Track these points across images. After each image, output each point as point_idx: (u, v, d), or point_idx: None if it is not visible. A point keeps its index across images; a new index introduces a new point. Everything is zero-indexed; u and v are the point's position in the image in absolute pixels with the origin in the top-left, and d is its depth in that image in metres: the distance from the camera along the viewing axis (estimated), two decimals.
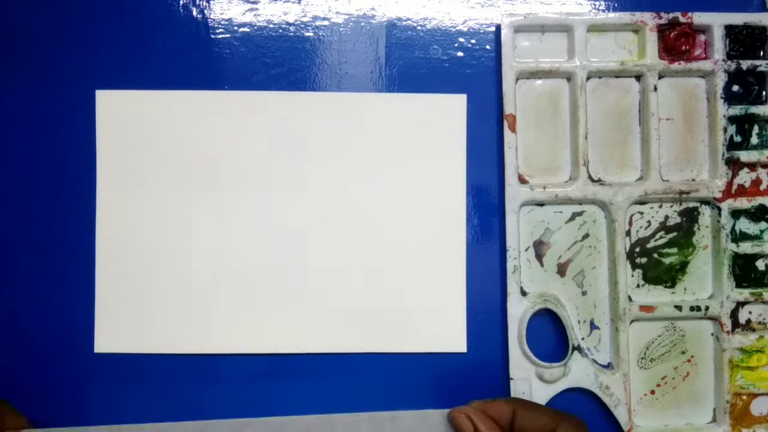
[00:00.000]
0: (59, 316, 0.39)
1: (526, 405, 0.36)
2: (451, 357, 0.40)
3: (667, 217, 0.41)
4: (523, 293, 0.40)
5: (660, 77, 0.40)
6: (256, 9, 0.40)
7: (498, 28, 0.40)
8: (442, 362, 0.40)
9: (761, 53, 0.41)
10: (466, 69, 0.41)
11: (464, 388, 0.40)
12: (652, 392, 0.40)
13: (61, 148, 0.39)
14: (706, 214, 0.41)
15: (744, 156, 0.40)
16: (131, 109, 0.39)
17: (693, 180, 0.41)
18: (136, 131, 0.39)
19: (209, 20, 0.40)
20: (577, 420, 0.34)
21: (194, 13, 0.40)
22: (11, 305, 0.39)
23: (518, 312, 0.39)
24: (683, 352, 0.41)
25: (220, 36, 0.40)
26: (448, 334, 0.40)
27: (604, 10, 0.41)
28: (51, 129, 0.39)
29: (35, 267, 0.39)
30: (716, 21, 0.40)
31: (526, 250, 0.41)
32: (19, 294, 0.39)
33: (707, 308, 0.40)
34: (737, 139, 0.41)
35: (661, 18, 0.40)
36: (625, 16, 0.40)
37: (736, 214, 0.41)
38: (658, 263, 0.41)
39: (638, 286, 0.41)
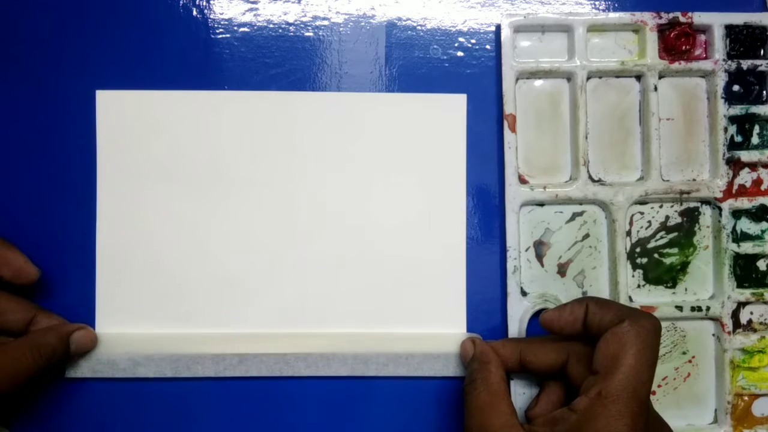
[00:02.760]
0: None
1: (599, 302, 0.35)
2: (453, 360, 0.40)
3: (667, 217, 0.41)
4: (524, 293, 0.40)
5: (660, 77, 0.40)
6: (256, 9, 0.40)
7: (498, 28, 0.40)
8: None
9: (761, 53, 0.41)
10: (466, 69, 0.41)
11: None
12: (653, 393, 0.40)
13: (61, 148, 0.39)
14: (706, 214, 0.41)
15: (745, 156, 0.40)
16: (131, 109, 0.39)
17: (694, 180, 0.41)
18: (137, 131, 0.39)
19: (209, 20, 0.40)
20: (650, 317, 0.33)
21: (194, 13, 0.40)
22: None
23: (518, 312, 0.39)
24: (684, 353, 0.40)
25: (220, 36, 0.40)
26: (448, 333, 0.39)
27: (604, 10, 0.41)
28: (51, 129, 0.39)
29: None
30: (716, 21, 0.40)
31: (527, 250, 0.40)
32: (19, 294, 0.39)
33: (708, 308, 0.40)
34: (738, 139, 0.41)
35: (661, 18, 0.40)
36: (626, 16, 0.40)
37: (737, 214, 0.41)
38: (659, 263, 0.41)
39: (639, 286, 0.41)
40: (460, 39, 0.41)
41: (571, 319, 0.34)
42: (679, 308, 0.40)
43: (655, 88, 0.40)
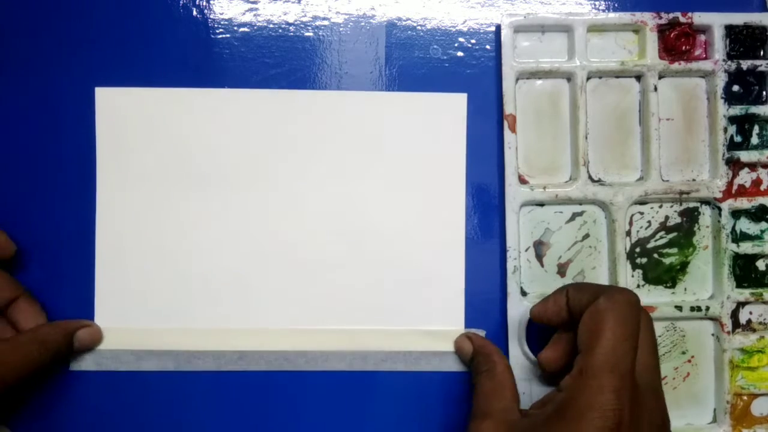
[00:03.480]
0: (58, 316, 0.39)
1: (576, 286, 0.36)
2: (452, 357, 0.40)
3: (667, 218, 0.41)
4: (524, 293, 0.40)
5: (660, 77, 0.40)
6: (256, 9, 0.40)
7: (498, 28, 0.40)
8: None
9: (761, 53, 0.41)
10: (466, 69, 0.41)
11: (464, 388, 0.40)
12: None
13: (60, 145, 0.39)
14: (706, 215, 0.41)
15: (744, 156, 0.40)
16: (131, 106, 0.39)
17: (693, 180, 0.41)
18: (136, 129, 0.39)
19: (209, 20, 0.40)
20: (624, 290, 0.34)
21: (194, 13, 0.40)
22: None
23: (518, 312, 0.39)
24: (683, 353, 0.41)
25: (220, 36, 0.40)
26: (446, 330, 0.40)
27: (604, 10, 0.41)
28: (51, 126, 0.39)
29: (34, 266, 0.39)
30: (716, 21, 0.40)
31: (527, 250, 0.40)
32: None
33: (707, 308, 0.40)
34: (737, 139, 0.41)
35: (661, 18, 0.40)
36: (626, 16, 0.40)
37: (736, 214, 0.41)
38: (659, 263, 0.41)
39: (638, 286, 0.41)
40: (460, 39, 0.41)
41: (556, 309, 0.36)
42: (679, 308, 0.40)
43: (655, 89, 0.40)
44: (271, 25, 0.40)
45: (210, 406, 0.39)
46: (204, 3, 0.40)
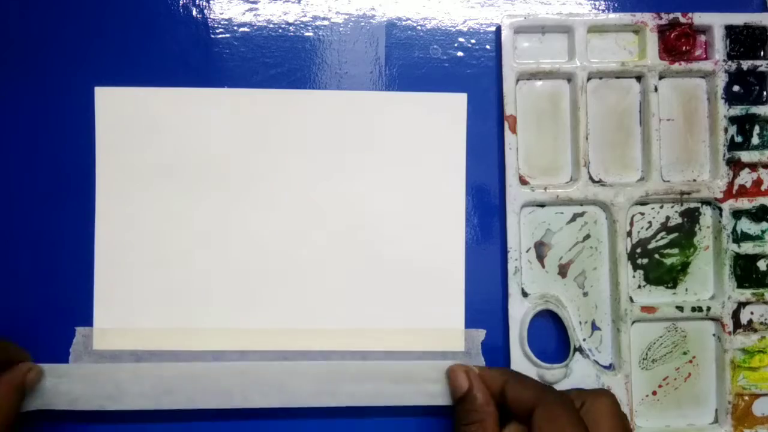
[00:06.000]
0: (58, 315, 0.39)
1: (517, 377, 0.36)
2: (451, 357, 0.40)
3: (668, 218, 0.41)
4: (525, 294, 0.40)
5: (660, 78, 0.40)
6: (256, 9, 0.40)
7: (498, 28, 0.40)
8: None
9: (762, 53, 0.41)
10: (466, 69, 0.41)
11: None
12: (654, 393, 0.40)
13: (59, 145, 0.39)
14: (707, 215, 0.41)
15: (745, 156, 0.40)
16: (130, 106, 0.39)
17: (694, 180, 0.41)
18: (136, 128, 0.39)
19: (209, 20, 0.40)
20: (561, 399, 0.34)
21: (194, 12, 0.40)
22: (8, 304, 0.39)
23: (519, 313, 0.39)
24: (685, 353, 0.40)
25: (220, 36, 0.40)
26: (447, 334, 0.39)
27: (604, 11, 0.41)
28: (50, 126, 0.39)
29: (33, 266, 0.39)
30: (716, 21, 0.40)
31: (527, 251, 0.40)
32: (16, 292, 0.39)
33: (709, 309, 0.40)
34: (738, 139, 0.41)
35: (661, 18, 0.40)
36: (626, 17, 0.40)
37: (737, 214, 0.41)
38: (660, 264, 0.41)
39: (639, 286, 0.41)
40: (460, 39, 0.41)
41: (484, 395, 0.35)
42: (680, 309, 0.40)
43: (656, 89, 0.40)
44: (271, 25, 0.40)
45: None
46: (204, 3, 0.40)
